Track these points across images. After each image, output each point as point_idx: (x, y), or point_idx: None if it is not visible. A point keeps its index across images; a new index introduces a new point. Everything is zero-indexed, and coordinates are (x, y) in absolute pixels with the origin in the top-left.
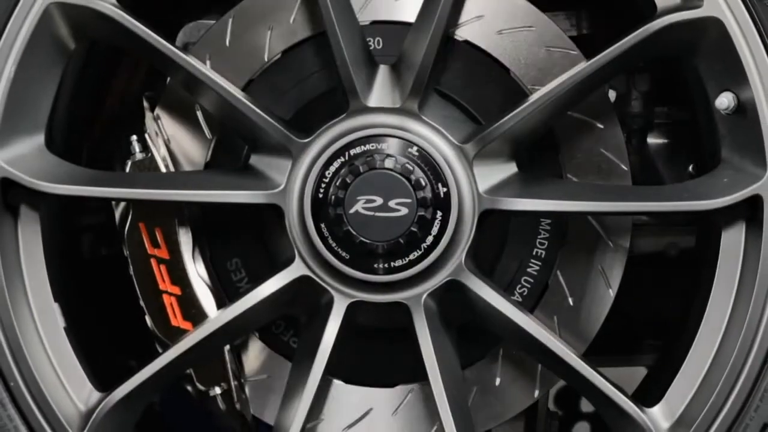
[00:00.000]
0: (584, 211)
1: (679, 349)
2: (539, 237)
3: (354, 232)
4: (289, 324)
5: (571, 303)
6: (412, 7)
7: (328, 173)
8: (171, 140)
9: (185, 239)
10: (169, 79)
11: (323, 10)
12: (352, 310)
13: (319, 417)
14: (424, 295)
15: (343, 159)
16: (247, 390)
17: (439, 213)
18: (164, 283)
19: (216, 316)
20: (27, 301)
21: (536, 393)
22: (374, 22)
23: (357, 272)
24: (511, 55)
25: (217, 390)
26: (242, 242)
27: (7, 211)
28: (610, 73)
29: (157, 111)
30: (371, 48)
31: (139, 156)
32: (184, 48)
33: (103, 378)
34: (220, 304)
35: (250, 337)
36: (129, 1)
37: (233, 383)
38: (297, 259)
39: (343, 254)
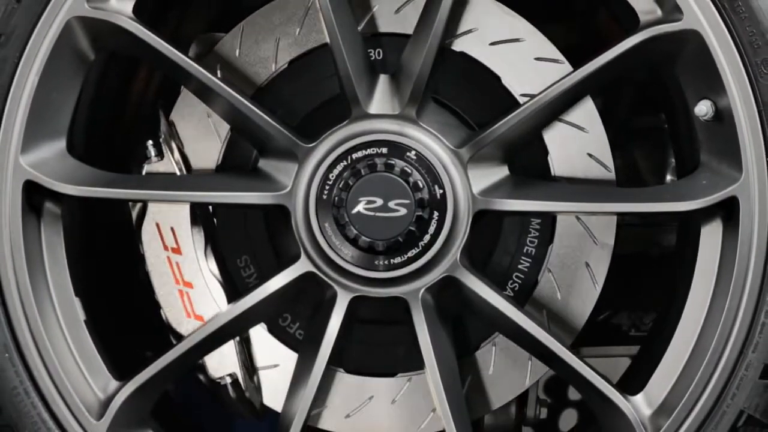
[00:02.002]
0: (572, 211)
1: (661, 341)
2: (530, 236)
3: (356, 231)
4: (296, 317)
5: (559, 298)
6: (410, 19)
7: (332, 176)
8: (184, 145)
9: (197, 238)
10: (182, 87)
11: (326, 23)
12: (355, 304)
13: (323, 405)
14: (422, 290)
15: (345, 162)
16: (256, 379)
17: (436, 213)
18: (178, 279)
19: (227, 310)
20: (49, 295)
21: (526, 382)
22: (375, 34)
23: (359, 269)
24: (502, 65)
25: (228, 379)
26: (251, 240)
27: (31, 212)
28: (597, 82)
29: (171, 117)
30: (372, 58)
31: (154, 160)
32: (197, 58)
33: (121, 368)
34: (231, 298)
35: (258, 329)
36: (145, 16)
37: (243, 373)
38: (302, 256)
39: (346, 252)
